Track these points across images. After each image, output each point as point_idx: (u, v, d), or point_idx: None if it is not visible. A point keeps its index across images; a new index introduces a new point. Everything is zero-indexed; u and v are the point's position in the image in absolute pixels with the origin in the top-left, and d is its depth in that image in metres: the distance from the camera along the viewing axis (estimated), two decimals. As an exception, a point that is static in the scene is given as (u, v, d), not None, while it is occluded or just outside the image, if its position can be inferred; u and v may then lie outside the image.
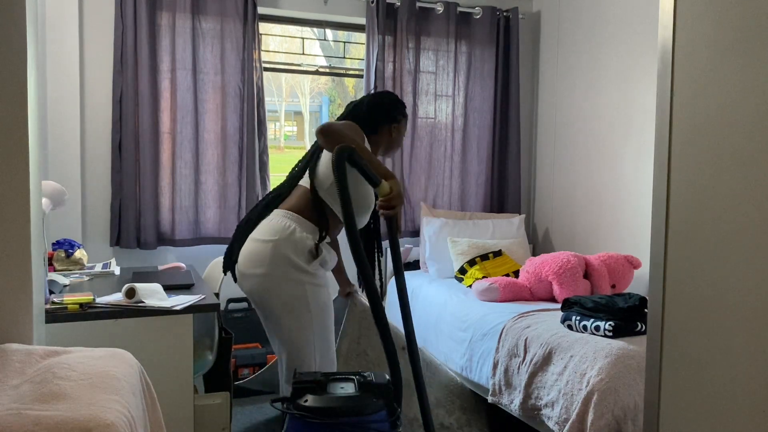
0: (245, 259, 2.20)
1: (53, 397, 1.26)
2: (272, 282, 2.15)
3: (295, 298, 2.16)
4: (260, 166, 3.76)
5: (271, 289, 2.15)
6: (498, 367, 2.78)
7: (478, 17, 4.15)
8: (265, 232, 2.19)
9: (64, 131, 3.38)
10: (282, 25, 4.04)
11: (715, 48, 1.24)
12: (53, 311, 2.07)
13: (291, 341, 2.19)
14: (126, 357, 1.56)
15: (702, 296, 1.28)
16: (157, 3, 3.51)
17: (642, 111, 3.52)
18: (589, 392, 2.29)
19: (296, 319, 2.18)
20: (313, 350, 2.20)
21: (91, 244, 3.50)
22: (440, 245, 3.86)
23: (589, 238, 3.91)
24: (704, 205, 1.27)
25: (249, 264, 2.19)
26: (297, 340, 2.19)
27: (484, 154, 4.25)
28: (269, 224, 2.21)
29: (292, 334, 2.18)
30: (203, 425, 2.38)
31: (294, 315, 2.18)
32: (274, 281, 2.15)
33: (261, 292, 2.19)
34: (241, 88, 3.68)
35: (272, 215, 2.24)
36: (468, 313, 3.14)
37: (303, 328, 2.18)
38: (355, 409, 1.76)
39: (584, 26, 3.97)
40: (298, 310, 2.18)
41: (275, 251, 2.15)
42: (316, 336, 2.20)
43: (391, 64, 4.00)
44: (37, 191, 1.75)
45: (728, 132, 1.22)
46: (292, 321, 2.18)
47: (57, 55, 3.34)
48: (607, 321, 2.54)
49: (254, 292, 2.21)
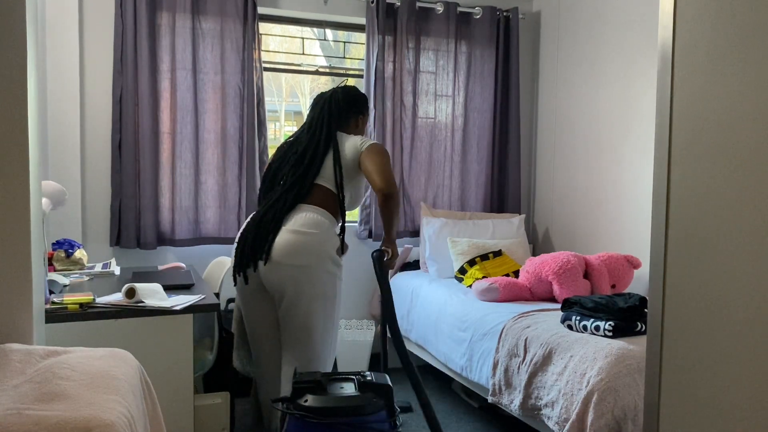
0: (284, 249, 2.32)
1: (53, 397, 1.26)
2: (311, 273, 2.32)
3: (328, 290, 2.36)
4: (260, 166, 3.76)
5: (309, 280, 2.32)
6: (498, 367, 2.78)
7: (478, 17, 4.15)
8: (304, 225, 2.33)
9: (64, 131, 3.38)
10: (282, 25, 4.04)
11: (715, 48, 1.24)
12: (53, 311, 2.07)
13: (315, 333, 2.37)
14: (126, 357, 1.56)
15: (702, 296, 1.28)
16: (157, 3, 3.51)
17: (642, 111, 3.52)
18: (589, 392, 2.29)
19: (325, 308, 2.38)
20: (330, 344, 2.43)
21: (91, 244, 3.51)
22: (440, 245, 3.86)
23: (589, 238, 3.91)
24: (704, 205, 1.27)
25: (288, 254, 2.31)
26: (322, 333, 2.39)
27: (484, 154, 4.25)
28: (306, 217, 2.36)
29: (319, 326, 2.37)
30: (203, 425, 2.38)
31: (324, 305, 2.37)
32: (313, 272, 2.32)
33: (296, 282, 2.31)
34: (241, 88, 3.68)
35: (303, 210, 2.39)
36: (468, 313, 3.14)
37: (329, 322, 2.41)
38: (355, 409, 1.76)
39: (584, 26, 3.97)
40: (329, 301, 2.38)
41: (318, 244, 2.33)
42: (334, 329, 2.45)
43: (391, 64, 4.00)
44: (37, 191, 1.75)
45: (728, 132, 1.22)
46: (321, 310, 2.37)
47: (57, 55, 3.34)
48: (607, 321, 2.54)
49: (288, 281, 2.33)
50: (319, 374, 1.88)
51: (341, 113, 2.61)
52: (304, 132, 2.62)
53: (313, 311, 2.35)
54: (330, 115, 2.58)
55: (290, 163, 2.54)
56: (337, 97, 2.62)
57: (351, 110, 2.64)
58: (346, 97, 2.63)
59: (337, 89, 2.67)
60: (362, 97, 2.70)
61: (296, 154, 2.55)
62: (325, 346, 2.43)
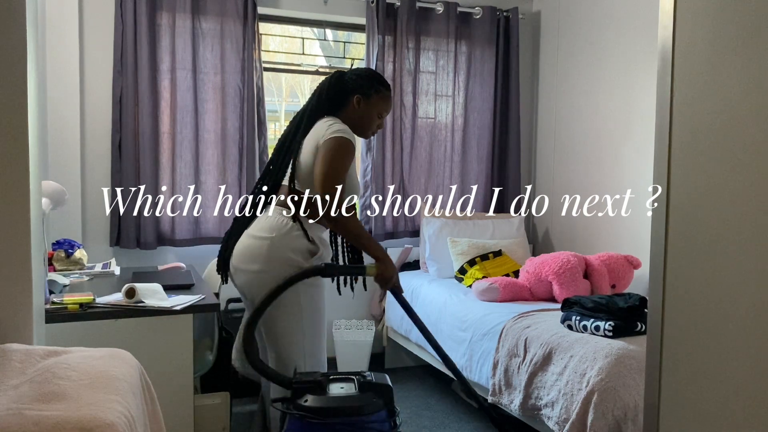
0: (240, 254, 2.19)
1: (53, 397, 1.26)
2: (266, 280, 2.12)
3: (289, 299, 2.13)
4: (260, 166, 3.76)
5: (264, 287, 2.10)
6: (498, 367, 2.78)
7: (478, 17, 4.15)
8: (261, 229, 2.18)
9: (64, 131, 3.38)
10: (282, 25, 4.03)
11: (715, 48, 1.24)
12: (53, 311, 2.07)
13: (280, 341, 2.18)
14: (126, 357, 1.56)
15: (702, 296, 1.28)
16: (157, 3, 3.51)
17: (642, 111, 3.52)
18: (589, 392, 2.29)
19: (287, 319, 2.17)
20: (302, 352, 2.19)
21: (91, 244, 3.50)
22: (440, 245, 3.86)
23: (589, 238, 3.91)
24: (704, 205, 1.27)
25: (243, 259, 2.18)
26: (286, 341, 2.18)
27: (484, 154, 4.25)
28: (266, 221, 2.19)
29: (281, 333, 2.17)
30: (203, 425, 2.38)
31: (285, 315, 2.16)
32: (268, 279, 2.11)
33: (253, 289, 2.18)
34: (241, 88, 3.68)
35: (271, 211, 2.21)
36: (468, 313, 3.14)
37: (293, 329, 2.17)
38: (355, 409, 1.76)
39: (584, 26, 3.97)
40: (290, 310, 2.16)
41: (271, 249, 2.13)
42: (306, 337, 2.19)
43: (391, 64, 4.00)
44: (37, 191, 1.75)
45: (728, 132, 1.22)
46: (282, 320, 2.16)
47: (57, 55, 3.34)
48: (607, 321, 2.54)
49: (246, 287, 2.20)
50: (319, 374, 1.88)
51: (337, 93, 2.28)
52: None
53: (275, 318, 2.16)
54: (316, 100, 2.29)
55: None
56: (336, 76, 2.31)
57: (347, 87, 2.28)
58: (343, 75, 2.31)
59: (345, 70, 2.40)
60: (366, 74, 2.32)
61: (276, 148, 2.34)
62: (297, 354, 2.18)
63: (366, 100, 2.29)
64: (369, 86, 2.29)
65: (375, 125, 2.35)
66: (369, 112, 2.30)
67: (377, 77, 2.33)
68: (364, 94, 2.28)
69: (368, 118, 2.31)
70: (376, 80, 2.32)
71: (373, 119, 2.33)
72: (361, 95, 2.28)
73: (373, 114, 2.31)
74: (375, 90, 2.30)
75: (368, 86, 2.29)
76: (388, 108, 2.37)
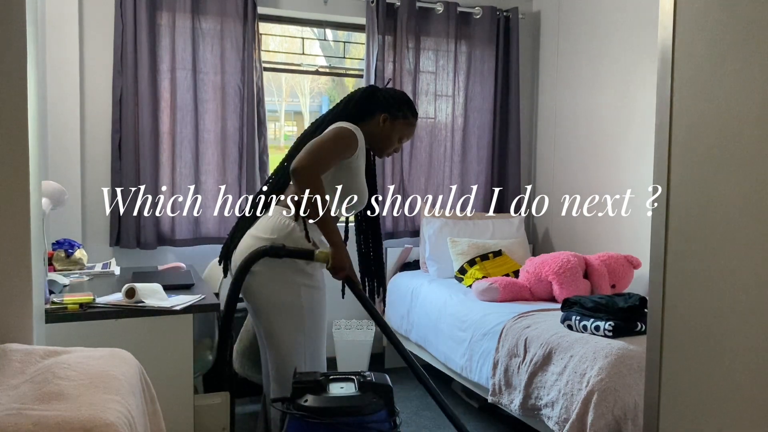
0: (241, 255, 2.18)
1: (53, 397, 1.26)
2: (266, 281, 2.12)
3: (288, 300, 2.13)
4: (260, 166, 3.76)
5: (264, 289, 2.12)
6: (498, 367, 2.78)
7: (478, 17, 4.15)
8: (263, 230, 2.16)
9: (64, 131, 3.38)
10: (282, 25, 4.03)
11: (715, 48, 1.24)
12: (53, 311, 2.07)
13: (280, 342, 2.16)
14: (126, 357, 1.56)
15: (702, 296, 1.28)
16: (157, 3, 3.51)
17: (642, 111, 3.52)
18: (589, 392, 2.29)
19: (287, 321, 2.16)
20: (303, 353, 2.17)
21: (91, 244, 3.50)
22: (440, 245, 3.86)
23: (589, 238, 3.91)
24: (704, 205, 1.27)
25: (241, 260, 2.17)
26: (286, 342, 2.16)
27: (484, 154, 4.25)
28: (268, 221, 2.18)
29: (282, 335, 2.16)
30: (203, 425, 2.38)
31: (285, 317, 2.15)
32: (268, 281, 2.12)
33: (253, 290, 2.17)
34: (241, 88, 3.68)
35: (272, 211, 2.20)
36: (468, 313, 3.14)
37: (294, 331, 2.15)
38: (355, 409, 1.76)
39: (584, 26, 3.97)
40: (290, 312, 2.14)
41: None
42: (307, 339, 2.18)
43: (391, 64, 4.00)
44: (37, 191, 1.75)
45: (728, 132, 1.22)
46: (283, 322, 2.15)
47: (57, 55, 3.34)
48: (607, 321, 2.54)
49: (245, 288, 2.19)
50: (319, 374, 1.88)
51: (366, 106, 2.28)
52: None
53: (273, 319, 2.15)
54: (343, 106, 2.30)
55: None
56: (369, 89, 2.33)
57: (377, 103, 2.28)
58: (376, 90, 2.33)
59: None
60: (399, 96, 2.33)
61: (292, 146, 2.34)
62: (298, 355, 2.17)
63: (392, 120, 2.29)
64: (398, 109, 2.30)
65: (392, 148, 2.36)
66: (391, 133, 2.30)
67: (408, 103, 2.34)
68: (391, 114, 2.29)
69: (388, 139, 2.32)
70: (407, 105, 2.33)
71: (393, 141, 2.33)
72: (389, 114, 2.28)
73: (394, 136, 2.32)
74: (403, 114, 2.30)
75: (397, 108, 2.29)
76: (410, 135, 2.38)
